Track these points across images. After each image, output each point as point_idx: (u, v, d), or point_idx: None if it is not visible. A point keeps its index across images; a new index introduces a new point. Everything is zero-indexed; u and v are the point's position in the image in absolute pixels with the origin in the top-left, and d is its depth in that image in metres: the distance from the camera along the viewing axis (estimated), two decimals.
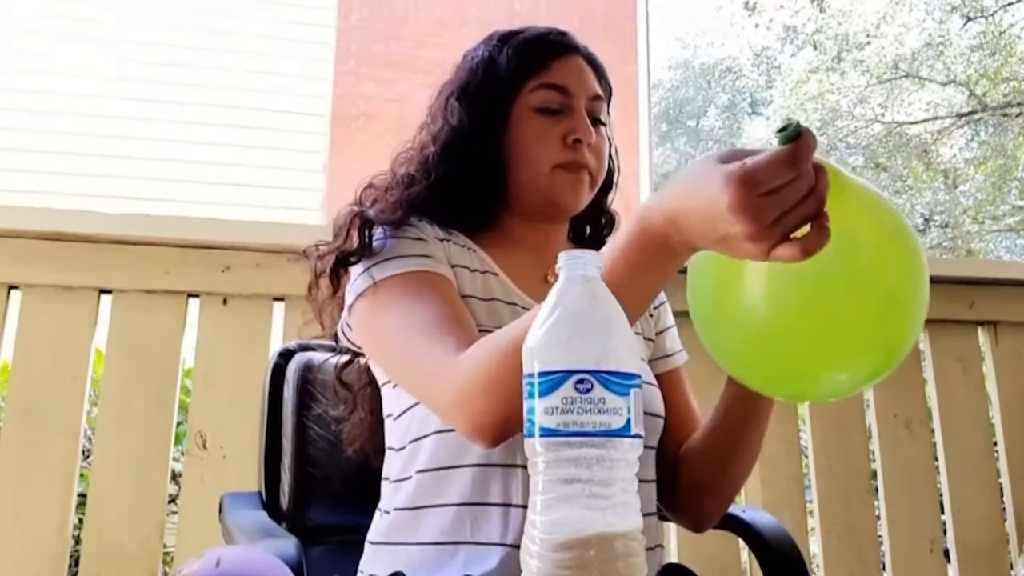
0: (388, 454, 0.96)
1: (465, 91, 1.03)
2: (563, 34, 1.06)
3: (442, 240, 0.99)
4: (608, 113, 1.11)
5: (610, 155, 1.12)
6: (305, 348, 1.18)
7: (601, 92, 1.06)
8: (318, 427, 1.11)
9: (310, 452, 1.11)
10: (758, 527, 1.08)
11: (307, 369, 1.14)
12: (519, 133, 1.01)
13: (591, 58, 1.07)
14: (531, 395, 0.52)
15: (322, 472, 1.11)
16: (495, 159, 1.02)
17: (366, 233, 0.94)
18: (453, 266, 0.97)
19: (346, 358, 1.03)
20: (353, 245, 0.94)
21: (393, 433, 0.96)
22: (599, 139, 1.04)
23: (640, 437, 0.53)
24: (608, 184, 1.14)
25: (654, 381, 1.04)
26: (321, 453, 1.10)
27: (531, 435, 0.52)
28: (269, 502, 1.11)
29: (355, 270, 0.95)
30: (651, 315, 1.13)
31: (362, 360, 1.02)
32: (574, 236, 1.17)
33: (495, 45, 1.05)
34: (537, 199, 1.02)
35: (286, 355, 1.17)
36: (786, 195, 0.62)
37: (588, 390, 0.51)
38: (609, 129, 1.11)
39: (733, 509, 1.09)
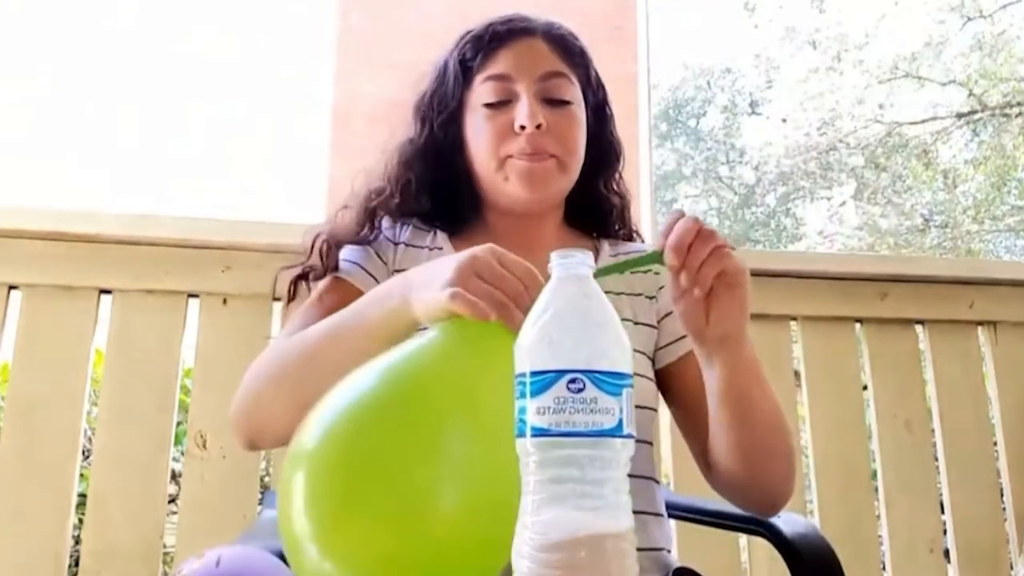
0: None
1: (420, 104, 1.04)
2: (509, 20, 1.01)
3: (397, 244, 1.02)
4: (597, 85, 1.05)
5: (606, 132, 1.07)
6: None
7: (561, 68, 1.00)
8: None
9: None
10: (789, 533, 0.99)
11: None
12: (469, 133, 1.00)
13: (550, 34, 1.01)
14: (523, 395, 0.52)
15: None
16: (457, 165, 1.02)
17: (331, 253, 0.99)
18: (397, 271, 0.97)
19: None
20: (315, 264, 0.99)
21: None
22: (560, 119, 0.98)
23: (632, 437, 0.53)
24: (604, 164, 1.08)
25: (648, 374, 1.00)
26: None
27: (522, 435, 0.52)
28: None
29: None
30: (652, 298, 1.06)
31: None
32: (578, 224, 1.11)
33: (450, 49, 1.03)
34: (498, 194, 1.00)
35: None
36: (492, 273, 0.70)
37: (580, 390, 0.51)
38: (601, 104, 1.05)
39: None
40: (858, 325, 1.86)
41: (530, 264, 0.71)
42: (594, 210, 1.10)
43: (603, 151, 1.07)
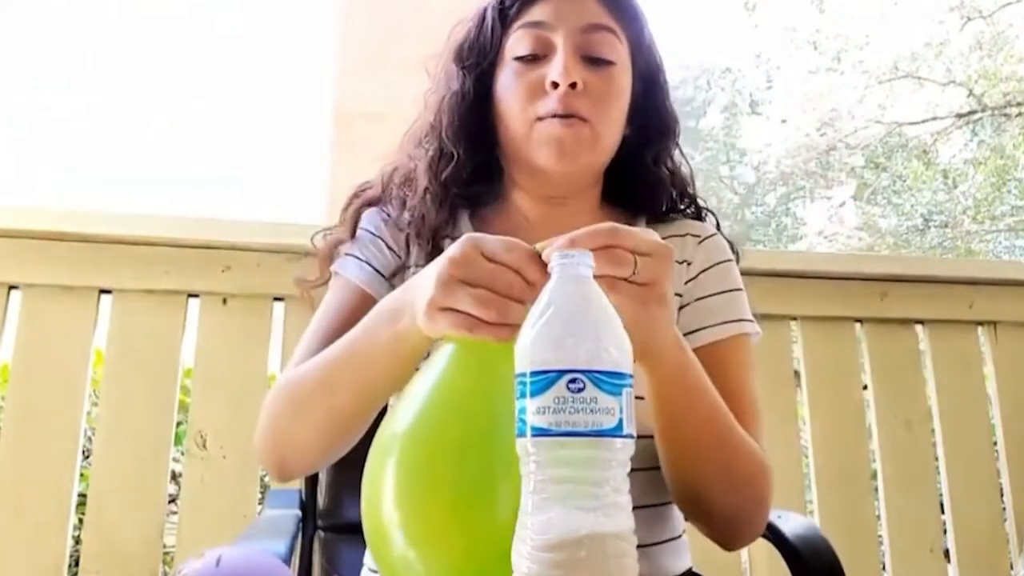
0: None
1: (459, 52, 0.94)
2: None
3: (403, 230, 0.93)
4: (649, 49, 0.94)
5: (656, 102, 0.95)
6: None
7: (608, 22, 0.89)
8: None
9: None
10: (789, 533, 0.97)
11: None
12: (500, 87, 0.91)
13: None
14: (523, 395, 0.52)
15: (358, 471, 1.13)
16: (488, 130, 0.92)
17: (357, 217, 0.95)
18: (407, 267, 0.91)
19: None
20: (345, 233, 0.95)
21: None
22: (598, 81, 0.87)
23: (632, 437, 0.52)
24: (652, 137, 0.96)
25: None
26: (356, 453, 1.12)
27: (522, 435, 0.52)
28: (308, 500, 1.15)
29: None
30: (678, 294, 0.92)
31: None
32: (619, 202, 0.98)
33: None
34: (522, 163, 0.90)
35: None
36: (477, 273, 0.61)
37: (580, 390, 0.50)
38: (653, 70, 0.94)
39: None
40: (858, 325, 1.86)
41: (516, 240, 0.63)
42: (636, 186, 0.97)
43: (651, 123, 0.96)
